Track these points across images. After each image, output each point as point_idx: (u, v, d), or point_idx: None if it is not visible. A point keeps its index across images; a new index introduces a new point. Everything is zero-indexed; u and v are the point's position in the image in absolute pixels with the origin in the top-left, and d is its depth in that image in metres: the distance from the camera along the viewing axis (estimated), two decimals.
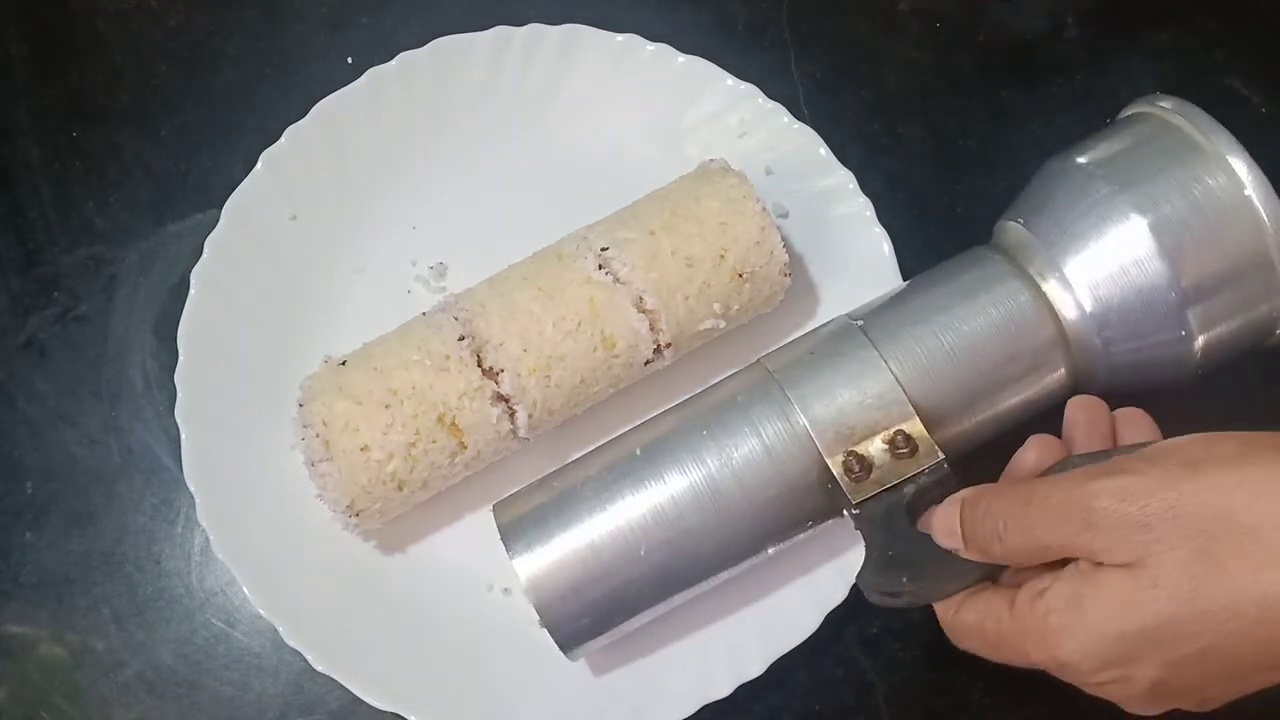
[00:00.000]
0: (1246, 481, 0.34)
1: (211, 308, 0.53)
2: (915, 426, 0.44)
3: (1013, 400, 0.47)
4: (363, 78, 0.56)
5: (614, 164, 0.58)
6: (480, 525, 0.51)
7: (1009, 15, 0.63)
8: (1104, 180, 0.46)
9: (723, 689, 0.49)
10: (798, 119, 0.57)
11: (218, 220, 0.54)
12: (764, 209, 0.51)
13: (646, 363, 0.51)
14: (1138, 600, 0.35)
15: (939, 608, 0.43)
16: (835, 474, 0.44)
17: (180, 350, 0.52)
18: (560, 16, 0.58)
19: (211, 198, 0.56)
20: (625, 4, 0.60)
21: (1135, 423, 0.43)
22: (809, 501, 0.46)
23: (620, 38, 0.57)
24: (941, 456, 0.44)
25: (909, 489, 0.44)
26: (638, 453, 0.47)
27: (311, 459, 0.48)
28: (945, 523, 0.42)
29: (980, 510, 0.41)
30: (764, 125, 0.57)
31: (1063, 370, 0.48)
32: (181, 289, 0.53)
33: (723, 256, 0.50)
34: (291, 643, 0.49)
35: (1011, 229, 0.49)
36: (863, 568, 0.44)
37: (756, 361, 0.48)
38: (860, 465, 0.44)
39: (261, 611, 0.49)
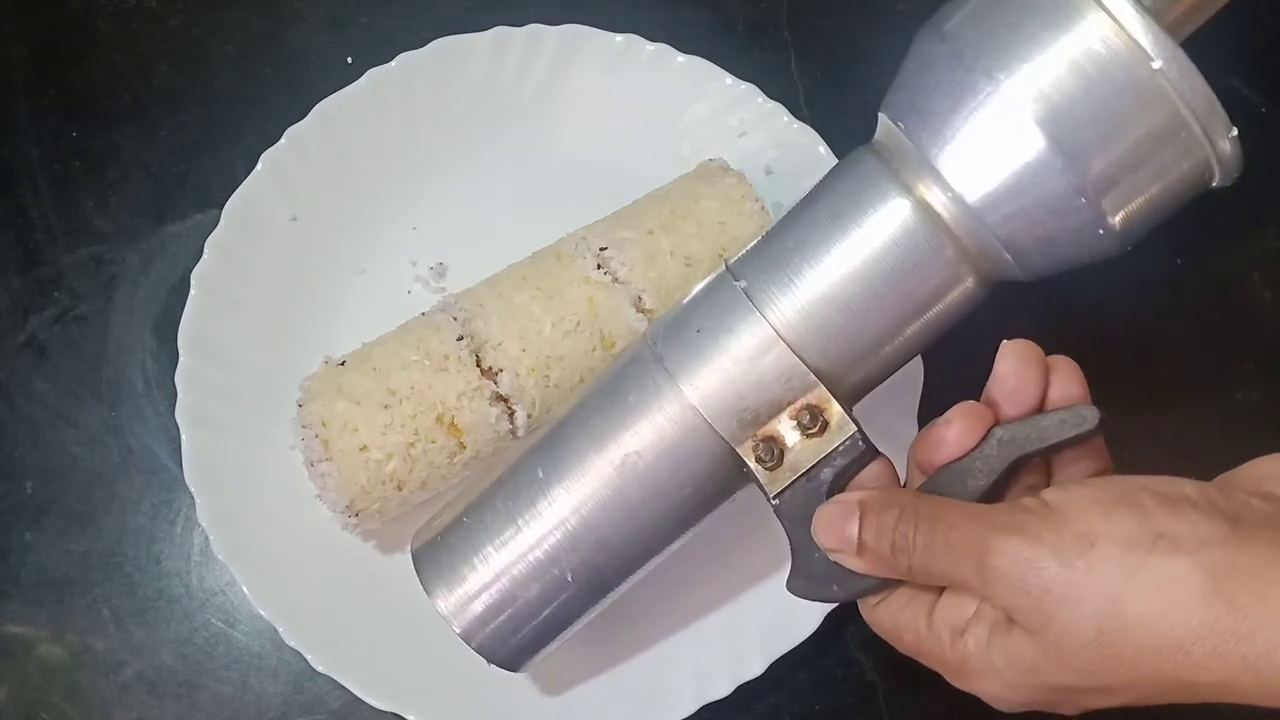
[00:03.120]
0: (1137, 574, 0.33)
1: (211, 308, 0.53)
2: (821, 397, 0.41)
3: (920, 329, 0.42)
4: (363, 78, 0.56)
5: (614, 164, 0.58)
6: None
7: None
8: (978, 66, 0.37)
9: (723, 689, 0.49)
10: (798, 119, 0.57)
11: (218, 220, 0.54)
12: (763, 208, 0.51)
13: None
14: (1046, 667, 0.35)
15: (860, 601, 0.42)
16: (749, 464, 0.41)
17: (180, 350, 0.52)
18: (560, 17, 0.58)
19: (211, 198, 0.56)
20: (625, 4, 0.60)
21: (1065, 376, 0.40)
22: (726, 484, 0.43)
23: (620, 38, 0.57)
24: (854, 430, 0.41)
25: (826, 472, 0.41)
26: (540, 475, 0.44)
27: (311, 459, 0.48)
28: (833, 523, 0.40)
29: (892, 518, 0.38)
30: (764, 125, 0.57)
31: (970, 283, 0.41)
32: (181, 289, 0.53)
33: (722, 255, 0.50)
34: (291, 643, 0.49)
35: (888, 129, 0.41)
36: (791, 573, 0.42)
37: (645, 342, 0.44)
38: (771, 451, 0.41)
39: (261, 611, 0.49)
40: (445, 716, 0.49)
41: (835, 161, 0.55)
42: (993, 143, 0.38)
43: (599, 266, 0.50)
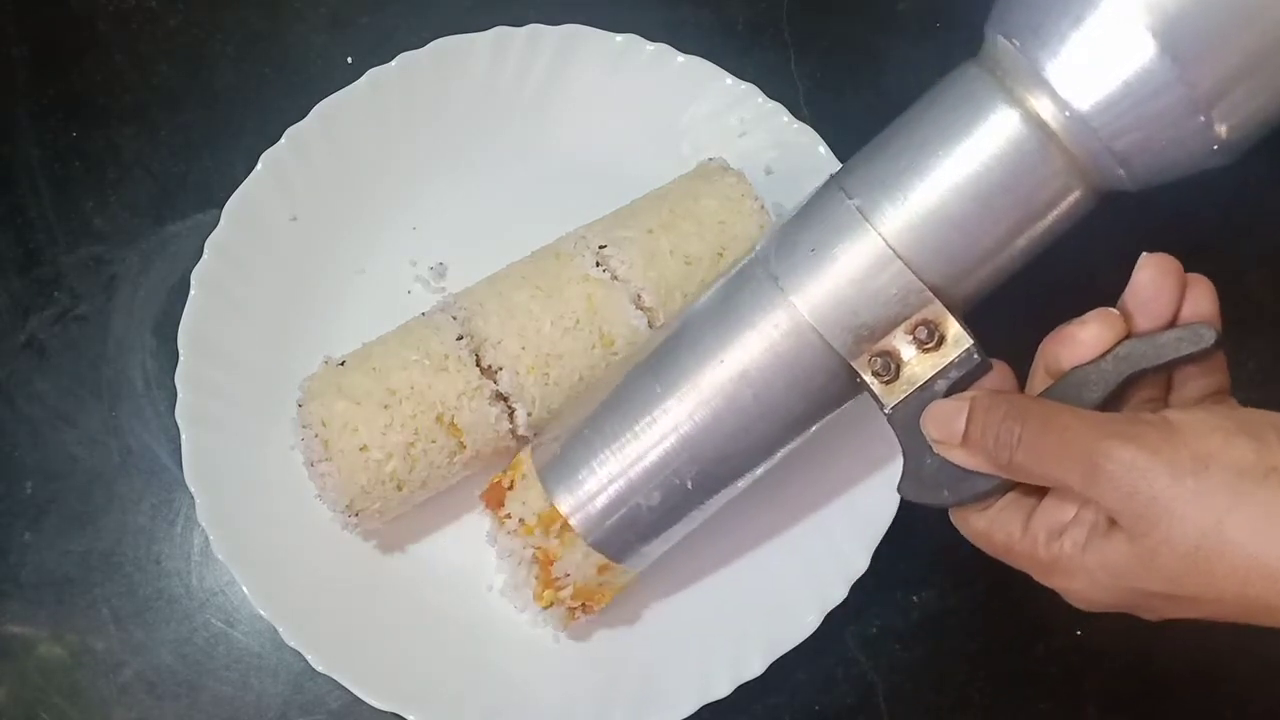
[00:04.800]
0: (1244, 501, 0.35)
1: (211, 308, 0.53)
2: (938, 313, 0.41)
3: (1030, 241, 0.42)
4: (363, 78, 0.56)
5: (614, 164, 0.58)
6: (480, 525, 0.51)
7: None
8: None
9: (723, 689, 0.49)
10: (798, 119, 0.57)
11: (218, 220, 0.54)
12: (762, 207, 0.51)
13: None
14: (1138, 573, 0.37)
15: (952, 510, 0.43)
16: (864, 379, 0.42)
17: (180, 350, 0.52)
18: (560, 17, 0.58)
19: (211, 198, 0.56)
20: (625, 4, 0.60)
21: (1200, 295, 0.40)
22: (840, 396, 0.44)
23: (620, 38, 0.57)
24: (971, 343, 0.41)
25: (940, 384, 0.42)
26: (658, 390, 0.45)
27: (310, 459, 0.48)
28: (942, 416, 0.41)
29: (999, 414, 0.39)
30: (764, 125, 0.57)
31: (1079, 194, 0.41)
32: (181, 289, 0.53)
33: (721, 254, 0.50)
34: (291, 643, 0.49)
35: (995, 43, 0.42)
36: (902, 477, 0.43)
37: (756, 261, 0.45)
38: (887, 366, 0.42)
39: (261, 611, 0.49)
40: (445, 716, 0.49)
41: (835, 161, 0.56)
42: (1104, 51, 0.38)
43: (598, 264, 0.50)
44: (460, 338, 0.49)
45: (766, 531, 0.53)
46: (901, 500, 0.51)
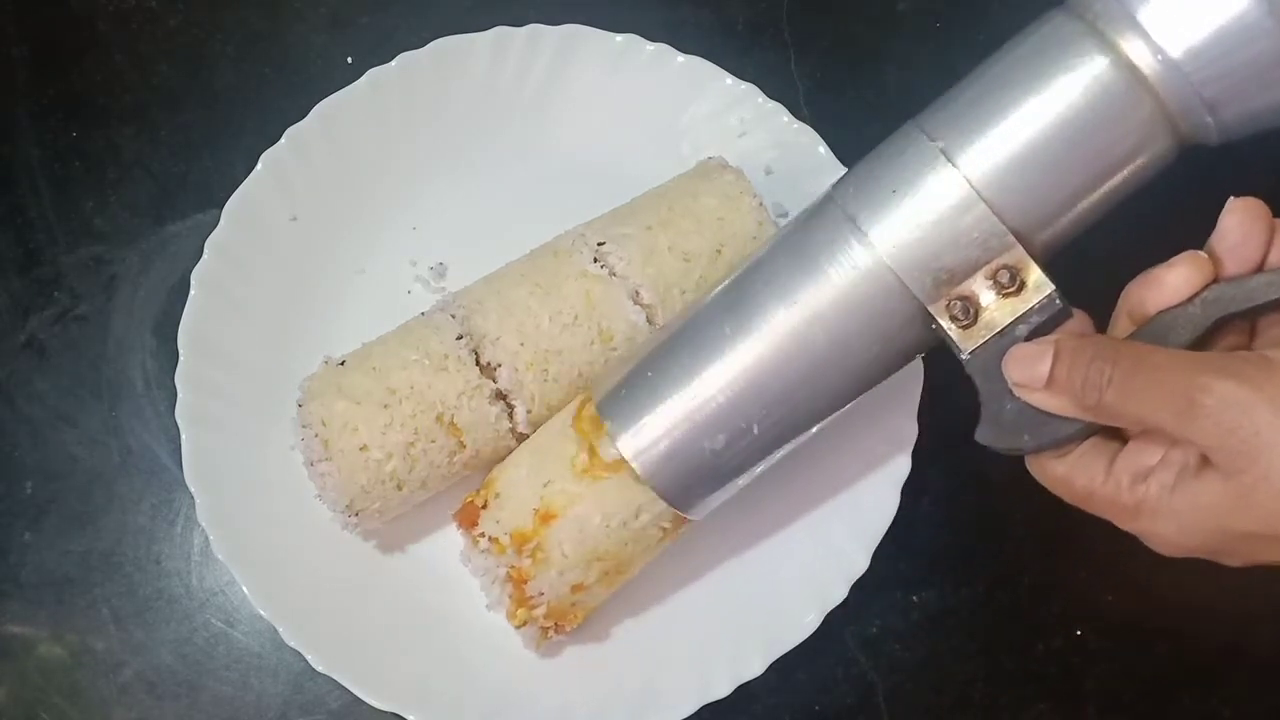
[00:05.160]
0: None
1: (211, 308, 0.53)
2: (1020, 258, 0.41)
3: (1111, 190, 0.42)
4: (363, 78, 0.56)
5: (614, 164, 0.58)
6: None
7: (1009, 15, 0.63)
8: None
9: (723, 689, 0.49)
10: (798, 119, 0.57)
11: (218, 220, 0.54)
12: (760, 204, 0.52)
13: None
14: (1231, 512, 0.36)
15: (1029, 458, 0.42)
16: (942, 324, 0.42)
17: (180, 350, 0.52)
18: (560, 17, 0.58)
19: (211, 198, 0.56)
20: (625, 4, 0.60)
21: None
22: (917, 343, 0.44)
23: (620, 38, 0.57)
24: (1052, 289, 0.41)
25: (1020, 329, 0.41)
26: (727, 331, 0.44)
27: (310, 459, 0.48)
28: (1025, 359, 0.40)
29: (1087, 355, 0.39)
30: (764, 125, 0.57)
31: (1164, 143, 0.41)
32: (181, 289, 0.53)
33: (719, 251, 0.51)
34: (291, 643, 0.49)
35: None
36: (981, 423, 0.42)
37: (832, 202, 0.44)
38: (966, 311, 0.41)
39: (261, 611, 0.49)
40: (445, 716, 0.49)
41: (835, 161, 0.56)
42: (1212, 13, 0.38)
43: (596, 261, 0.50)
44: (460, 337, 0.49)
45: (767, 531, 0.53)
46: (902, 500, 0.51)
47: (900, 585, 0.54)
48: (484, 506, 0.48)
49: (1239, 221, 0.40)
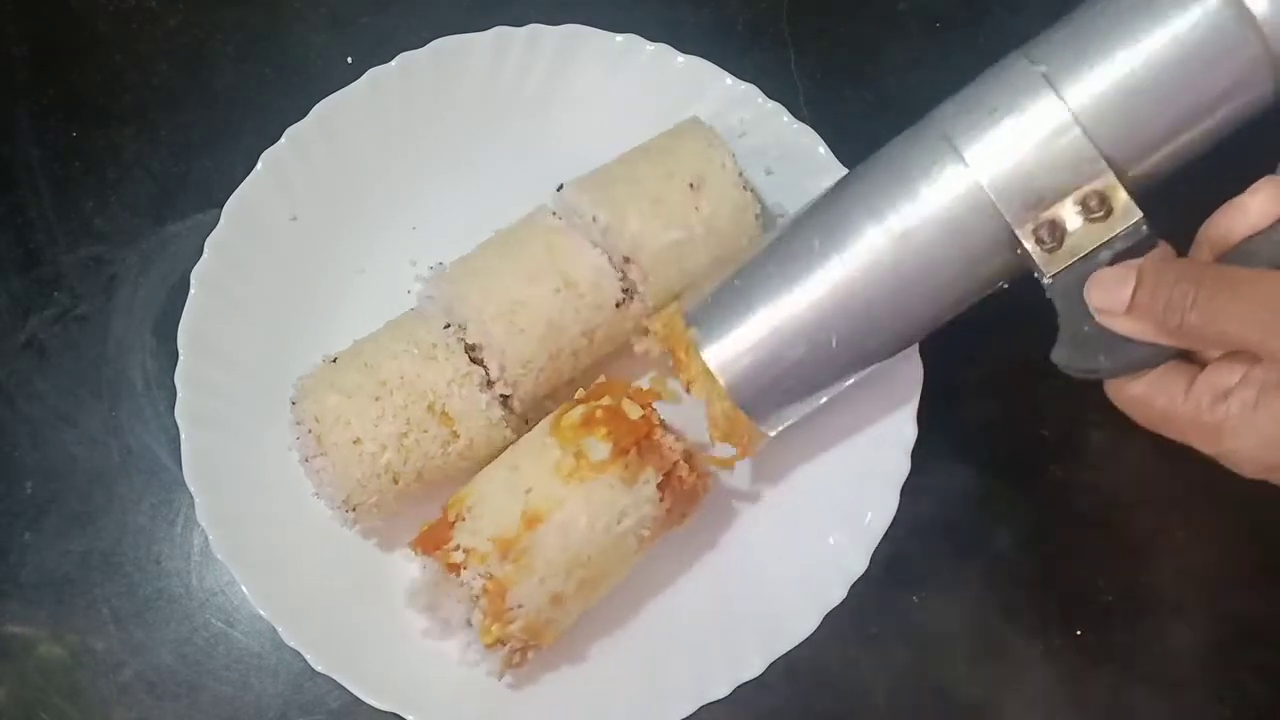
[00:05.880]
0: None
1: (211, 308, 0.53)
2: (1110, 184, 0.41)
3: (1208, 128, 0.42)
4: (363, 78, 0.56)
5: None
6: None
7: (1009, 15, 0.63)
8: None
9: (722, 689, 0.49)
10: (798, 119, 0.57)
11: (218, 220, 0.54)
12: (712, 129, 0.52)
13: (618, 304, 0.51)
14: None
15: (1107, 382, 0.43)
16: (1026, 246, 0.42)
17: (180, 350, 0.52)
18: (560, 17, 0.57)
19: (211, 198, 0.56)
20: (625, 4, 0.60)
21: None
22: (998, 269, 0.44)
23: (620, 38, 0.57)
24: (1140, 215, 0.41)
25: (1105, 254, 0.42)
26: (816, 245, 0.45)
27: (305, 455, 0.49)
28: (1108, 283, 0.41)
29: (1171, 278, 0.39)
30: (764, 125, 0.57)
31: (1266, 86, 0.42)
32: (181, 289, 0.53)
33: (672, 173, 0.51)
34: (291, 643, 0.49)
35: None
36: (1058, 344, 0.42)
37: (930, 122, 0.45)
38: (1052, 234, 0.42)
39: (261, 611, 0.49)
40: (445, 716, 0.49)
41: (835, 161, 0.55)
42: None
43: (554, 214, 0.51)
44: (448, 325, 0.50)
45: (766, 532, 0.53)
46: (901, 500, 0.51)
47: (900, 585, 0.54)
48: (456, 522, 0.47)
49: None
